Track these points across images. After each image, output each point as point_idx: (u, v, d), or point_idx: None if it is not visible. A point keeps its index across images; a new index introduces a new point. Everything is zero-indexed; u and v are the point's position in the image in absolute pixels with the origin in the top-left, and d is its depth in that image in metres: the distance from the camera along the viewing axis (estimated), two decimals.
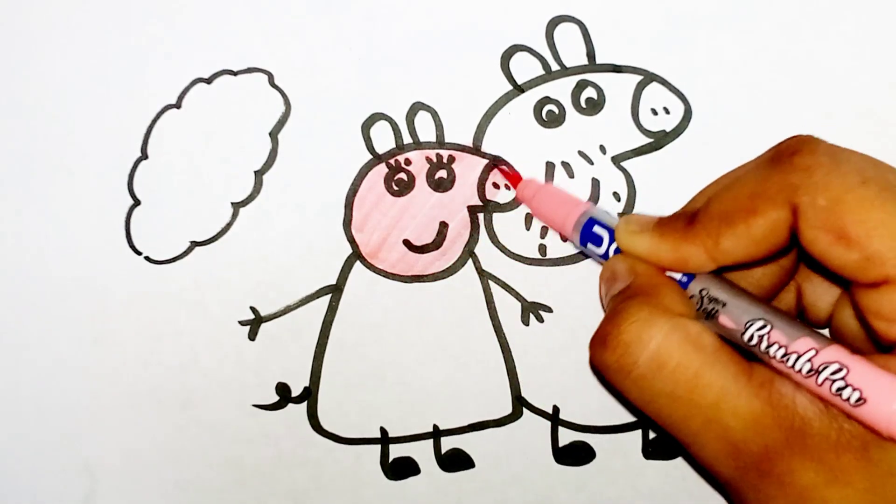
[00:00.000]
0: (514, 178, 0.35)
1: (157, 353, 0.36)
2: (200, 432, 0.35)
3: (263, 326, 0.36)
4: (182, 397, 0.36)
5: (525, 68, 0.36)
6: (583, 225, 0.31)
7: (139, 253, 0.36)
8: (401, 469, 0.35)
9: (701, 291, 0.27)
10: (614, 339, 0.26)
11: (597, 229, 0.31)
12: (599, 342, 0.27)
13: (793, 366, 0.24)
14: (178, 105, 0.37)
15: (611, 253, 0.30)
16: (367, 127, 0.36)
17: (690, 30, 0.35)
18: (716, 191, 0.27)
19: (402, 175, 0.36)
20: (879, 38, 0.35)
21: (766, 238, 0.25)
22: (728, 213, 0.26)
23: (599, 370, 0.27)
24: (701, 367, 0.25)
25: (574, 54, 0.36)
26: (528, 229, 0.35)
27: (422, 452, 0.35)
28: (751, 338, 0.26)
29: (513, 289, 0.35)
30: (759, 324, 0.26)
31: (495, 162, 0.35)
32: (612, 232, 0.30)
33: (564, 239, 0.35)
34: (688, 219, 0.27)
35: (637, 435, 0.35)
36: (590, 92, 0.35)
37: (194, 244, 0.36)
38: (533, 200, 0.34)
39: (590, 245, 0.31)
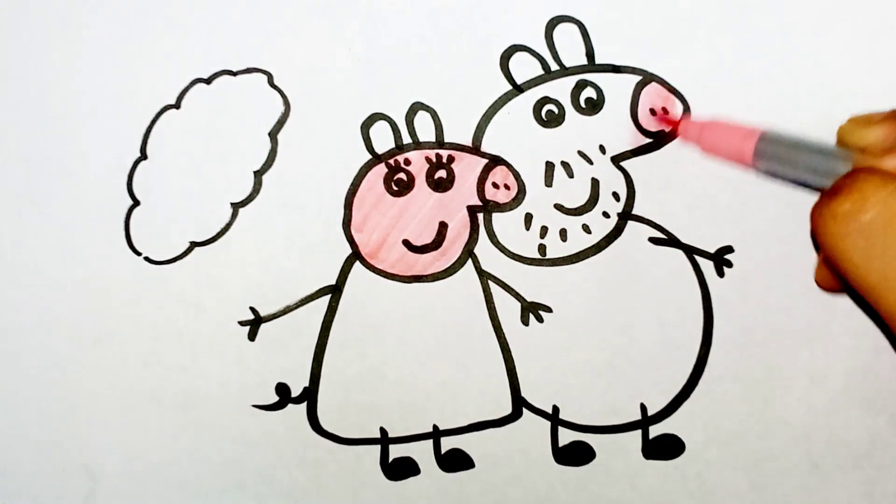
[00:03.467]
0: (674, 122, 0.35)
1: (156, 353, 0.36)
2: (200, 432, 0.36)
3: (263, 327, 0.36)
4: (182, 397, 0.36)
5: (524, 68, 0.36)
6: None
7: (139, 253, 0.36)
8: (401, 469, 0.35)
9: None
10: (848, 189, 0.26)
11: None
12: (831, 193, 0.26)
13: None
14: (177, 105, 0.37)
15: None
16: (366, 127, 0.36)
17: (689, 30, 0.35)
18: None
19: (402, 175, 0.36)
20: (879, 38, 0.35)
21: None
22: None
23: (819, 226, 0.27)
24: None
25: (573, 54, 0.36)
26: (527, 229, 0.35)
27: (422, 452, 0.35)
28: None
29: (512, 289, 0.35)
30: None
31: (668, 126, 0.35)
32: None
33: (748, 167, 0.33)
34: None
35: (637, 435, 0.35)
36: (589, 92, 0.35)
37: (194, 244, 0.36)
38: (700, 140, 0.33)
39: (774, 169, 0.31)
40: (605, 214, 0.35)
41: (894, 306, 0.26)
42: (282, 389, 0.35)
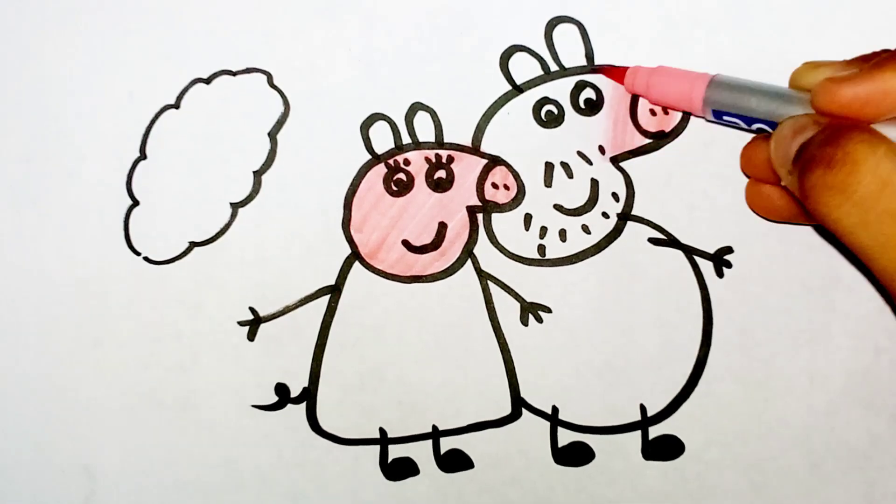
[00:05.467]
0: (618, 71, 0.34)
1: (155, 353, 0.36)
2: (199, 433, 0.36)
3: (262, 327, 0.36)
4: (181, 398, 0.36)
5: (524, 69, 0.36)
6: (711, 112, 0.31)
7: (138, 253, 0.36)
8: (400, 469, 0.35)
9: None
10: (840, 159, 0.25)
11: None
12: (819, 162, 0.26)
13: None
14: (176, 105, 0.37)
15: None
16: (366, 127, 0.36)
17: (688, 31, 0.35)
18: None
19: (401, 175, 0.36)
20: (878, 39, 0.35)
21: None
22: None
23: (809, 195, 0.26)
24: None
25: (573, 55, 0.36)
26: (527, 230, 0.35)
27: (421, 453, 0.35)
28: None
29: (512, 289, 0.35)
30: None
31: (597, 67, 0.35)
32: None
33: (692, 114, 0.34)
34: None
35: (636, 436, 0.35)
36: (588, 92, 0.35)
37: (193, 244, 0.36)
38: (649, 88, 0.33)
39: (726, 117, 0.31)
40: (605, 215, 0.35)
41: (889, 265, 0.25)
42: (281, 390, 0.35)
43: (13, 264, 0.36)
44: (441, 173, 0.36)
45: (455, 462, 0.35)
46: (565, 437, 0.35)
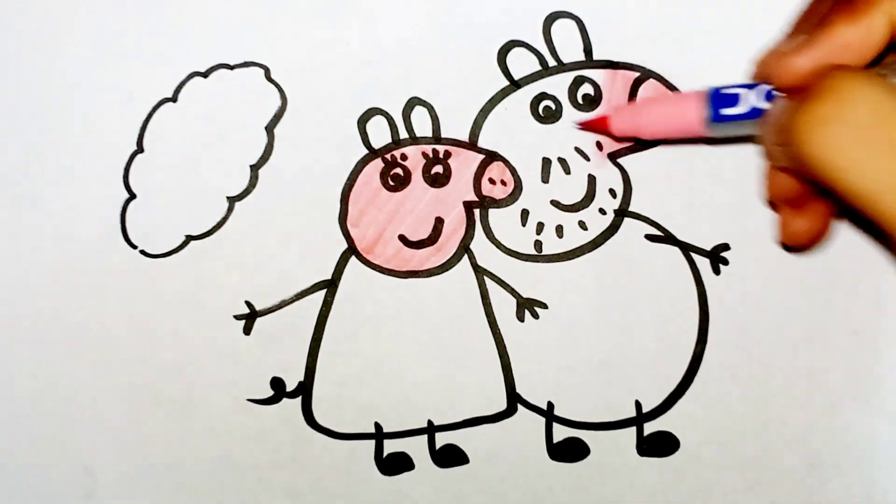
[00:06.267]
0: (601, 121, 0.33)
1: (151, 346, 0.36)
2: (194, 426, 0.36)
3: (258, 321, 0.36)
4: (176, 391, 0.36)
5: (522, 64, 0.36)
6: (709, 108, 0.30)
7: (134, 247, 0.36)
8: (395, 464, 0.35)
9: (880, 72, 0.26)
10: (828, 88, 0.24)
11: (724, 106, 0.29)
12: (814, 96, 0.24)
13: None
14: (174, 99, 0.37)
15: (758, 104, 0.29)
16: (363, 122, 0.36)
17: (687, 26, 0.35)
18: None
19: (398, 170, 0.36)
20: None
21: None
22: None
23: (800, 142, 0.24)
24: None
25: (571, 50, 0.36)
26: (523, 225, 0.35)
27: (416, 448, 0.35)
28: None
29: (508, 285, 0.35)
30: None
31: (581, 123, 0.34)
32: (747, 86, 0.29)
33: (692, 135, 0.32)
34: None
35: (632, 432, 0.35)
36: (586, 88, 0.35)
37: (189, 238, 0.36)
38: (639, 127, 0.32)
39: (726, 116, 0.29)
40: (602, 211, 0.35)
41: (891, 208, 0.23)
42: (277, 384, 0.35)
43: (8, 257, 0.37)
44: (438, 168, 0.35)
45: (450, 457, 0.35)
46: (560, 432, 0.35)
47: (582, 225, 0.35)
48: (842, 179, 0.24)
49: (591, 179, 0.35)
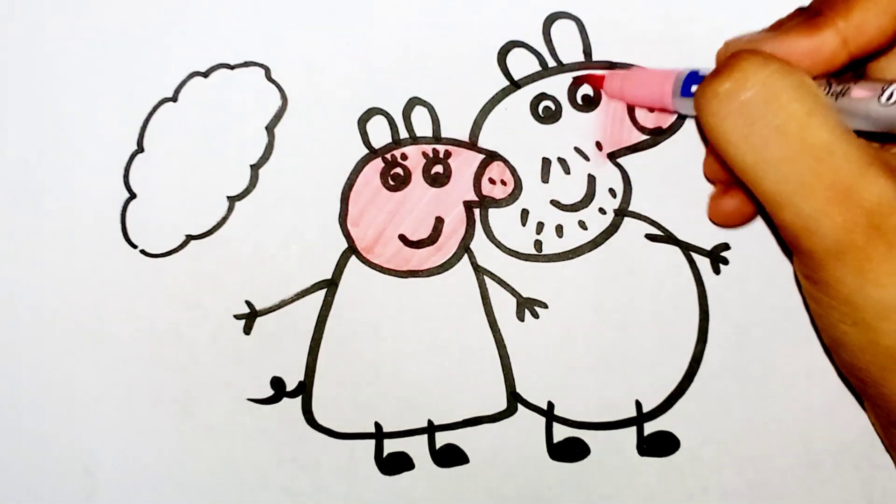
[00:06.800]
0: (598, 79, 0.35)
1: (151, 346, 0.36)
2: (194, 426, 0.36)
3: (258, 321, 0.36)
4: (177, 391, 0.36)
5: (522, 64, 0.36)
6: (681, 89, 0.31)
7: (134, 246, 0.36)
8: (395, 464, 0.35)
9: (828, 78, 0.27)
10: (730, 68, 0.25)
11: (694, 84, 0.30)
12: (713, 74, 0.25)
13: None
14: (174, 98, 0.37)
15: None
16: (363, 122, 0.36)
17: (687, 26, 0.35)
18: None
19: (399, 170, 0.36)
20: None
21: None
22: None
23: (701, 106, 0.26)
24: (815, 107, 0.24)
25: (571, 51, 0.36)
26: (523, 225, 0.35)
27: (416, 447, 0.35)
28: (890, 95, 0.25)
29: (508, 284, 0.35)
30: None
31: (578, 77, 0.35)
32: None
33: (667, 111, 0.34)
34: (809, 11, 0.27)
35: (632, 432, 0.35)
36: (586, 88, 0.35)
37: (190, 238, 0.36)
38: (623, 90, 0.34)
39: (690, 93, 0.30)
40: (602, 211, 0.35)
41: (771, 186, 0.24)
42: (277, 383, 0.35)
43: (8, 257, 0.36)
44: (438, 168, 0.36)
45: (450, 457, 0.35)
46: (561, 432, 0.35)
47: (582, 225, 0.35)
48: (731, 151, 0.25)
49: (591, 179, 0.35)
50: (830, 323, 0.26)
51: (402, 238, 0.35)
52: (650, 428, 0.35)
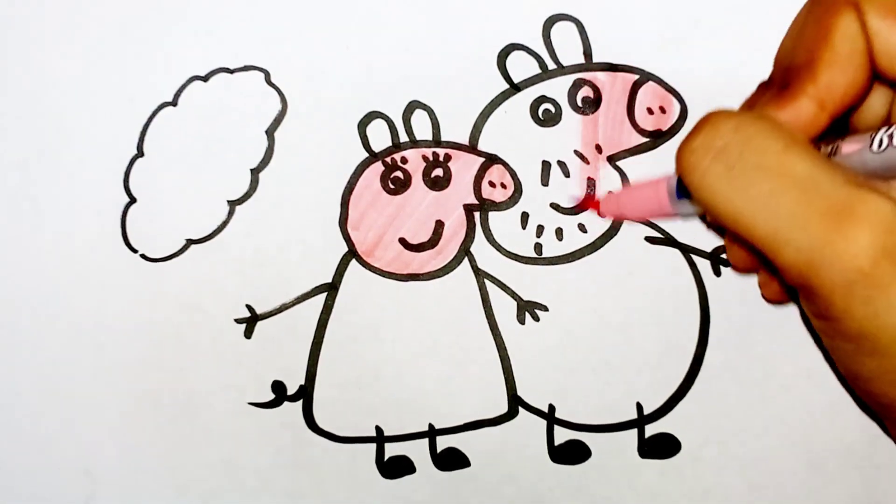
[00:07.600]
0: (593, 203, 0.34)
1: (152, 350, 0.36)
2: (196, 430, 0.36)
3: (259, 324, 0.36)
4: (178, 395, 0.36)
5: (521, 67, 0.36)
6: (675, 193, 0.30)
7: (135, 251, 0.36)
8: (396, 468, 0.35)
9: (815, 143, 0.27)
10: (699, 126, 0.25)
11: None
12: (686, 137, 0.26)
13: None
14: (174, 103, 0.37)
15: None
16: (363, 125, 0.36)
17: (687, 29, 0.35)
18: (785, 49, 0.28)
19: (399, 173, 0.36)
20: None
21: (852, 52, 0.25)
22: (811, 47, 0.26)
23: (680, 166, 0.26)
24: (790, 143, 0.24)
25: (570, 53, 0.36)
26: (523, 228, 0.35)
27: (417, 451, 0.35)
28: (881, 142, 0.25)
29: (508, 287, 0.35)
30: (888, 129, 0.25)
31: (575, 208, 0.35)
32: None
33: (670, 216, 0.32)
34: (777, 81, 0.27)
35: (633, 434, 0.35)
36: (586, 91, 0.35)
37: (190, 242, 0.36)
38: (622, 209, 0.33)
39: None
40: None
41: (765, 226, 0.24)
42: (278, 387, 0.35)
43: (9, 261, 0.37)
44: (438, 171, 0.36)
45: (451, 460, 0.35)
46: (562, 435, 0.35)
47: (582, 228, 0.35)
48: (717, 203, 0.25)
49: (591, 182, 0.35)
50: (846, 355, 0.26)
51: (403, 241, 0.35)
52: (651, 430, 0.35)
